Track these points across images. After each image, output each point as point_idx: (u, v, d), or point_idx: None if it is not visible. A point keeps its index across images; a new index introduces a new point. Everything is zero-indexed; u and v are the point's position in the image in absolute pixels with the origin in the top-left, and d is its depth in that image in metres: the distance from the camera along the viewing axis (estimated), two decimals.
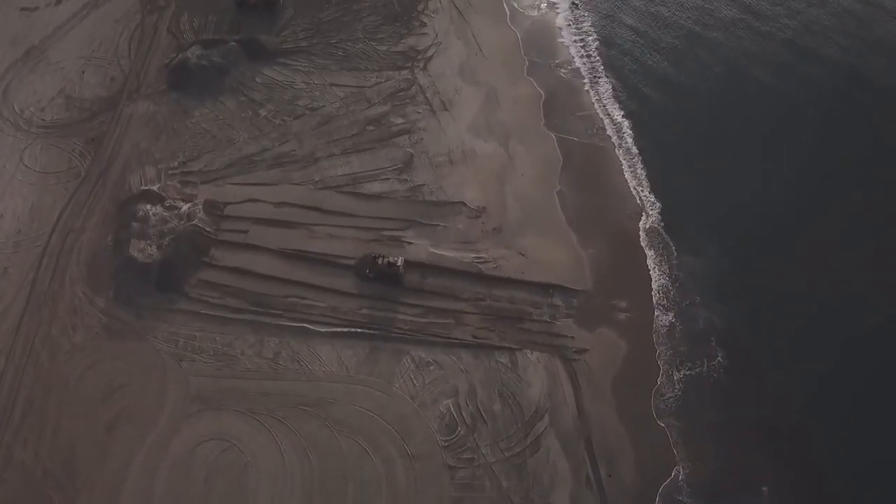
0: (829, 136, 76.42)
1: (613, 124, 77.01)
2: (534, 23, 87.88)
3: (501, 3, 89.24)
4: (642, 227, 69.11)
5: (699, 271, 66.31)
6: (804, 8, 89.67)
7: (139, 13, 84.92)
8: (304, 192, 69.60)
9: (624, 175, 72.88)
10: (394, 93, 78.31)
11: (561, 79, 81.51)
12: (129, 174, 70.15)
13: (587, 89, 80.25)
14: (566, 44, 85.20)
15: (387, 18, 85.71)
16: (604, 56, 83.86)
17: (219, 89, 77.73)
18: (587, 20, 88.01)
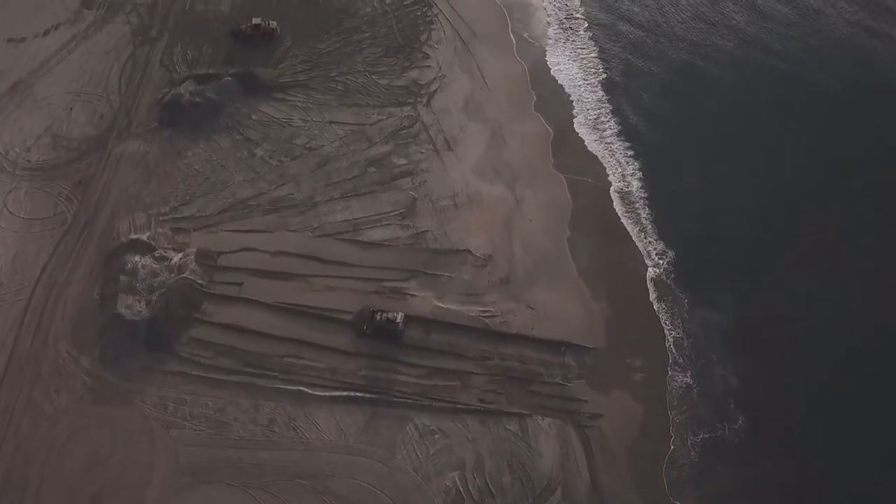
0: (845, 180, 73.21)
1: (624, 165, 73.64)
2: (541, 53, 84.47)
3: (507, 32, 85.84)
4: (655, 278, 65.96)
5: (714, 324, 63.25)
6: (818, 45, 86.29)
7: (130, 44, 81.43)
8: (302, 240, 66.21)
9: (635, 221, 69.67)
10: (396, 131, 74.91)
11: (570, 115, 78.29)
12: (117, 221, 66.69)
13: (597, 126, 76.84)
14: (575, 77, 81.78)
15: (388, 50, 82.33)
16: (612, 91, 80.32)
17: (213, 127, 74.31)
18: (595, 50, 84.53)
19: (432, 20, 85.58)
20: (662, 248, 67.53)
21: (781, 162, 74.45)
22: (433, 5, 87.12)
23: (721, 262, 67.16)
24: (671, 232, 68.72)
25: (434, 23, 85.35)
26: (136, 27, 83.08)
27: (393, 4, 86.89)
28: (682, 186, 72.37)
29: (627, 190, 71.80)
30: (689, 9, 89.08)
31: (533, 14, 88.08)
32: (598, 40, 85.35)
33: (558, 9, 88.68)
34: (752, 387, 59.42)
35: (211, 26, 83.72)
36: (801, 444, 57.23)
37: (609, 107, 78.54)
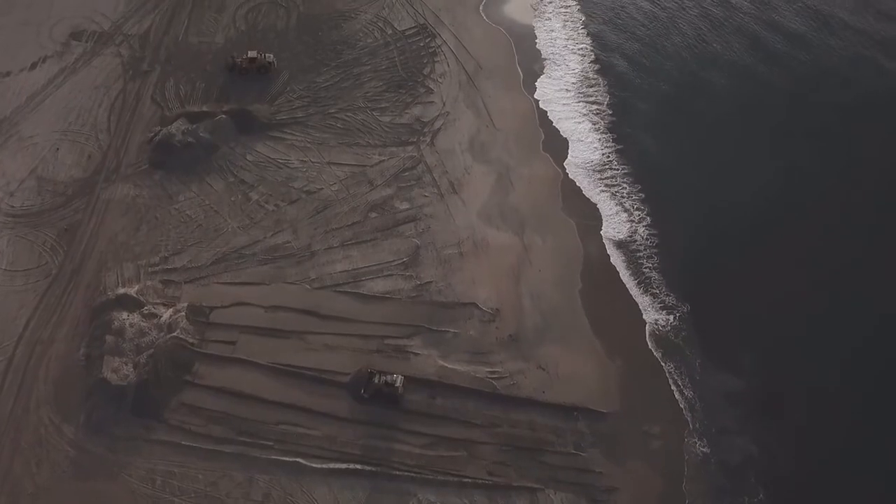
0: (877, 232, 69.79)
1: (631, 210, 70.19)
2: (550, 87, 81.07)
3: (514, 65, 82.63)
4: (667, 334, 62.24)
5: (732, 387, 59.46)
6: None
7: (121, 78, 78.09)
8: (299, 294, 62.75)
9: (644, 272, 66.13)
10: (398, 173, 71.53)
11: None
12: (105, 272, 63.20)
13: (608, 168, 73.41)
14: (584, 113, 78.36)
15: (390, 84, 78.96)
16: (621, 130, 76.80)
17: (206, 169, 70.94)
18: (604, 84, 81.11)
19: (436, 52, 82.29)
20: (674, 302, 63.89)
21: (803, 210, 70.87)
22: (436, 36, 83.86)
23: (737, 317, 63.57)
24: (683, 283, 65.00)
25: (437, 55, 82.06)
26: (127, 60, 79.82)
27: (394, 35, 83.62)
28: (693, 234, 68.63)
29: (635, 238, 68.24)
30: (706, 52, 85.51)
31: (542, 46, 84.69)
32: (608, 74, 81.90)
33: (568, 42, 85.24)
34: (772, 457, 55.89)
35: (205, 59, 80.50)
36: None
37: (617, 146, 75.00)
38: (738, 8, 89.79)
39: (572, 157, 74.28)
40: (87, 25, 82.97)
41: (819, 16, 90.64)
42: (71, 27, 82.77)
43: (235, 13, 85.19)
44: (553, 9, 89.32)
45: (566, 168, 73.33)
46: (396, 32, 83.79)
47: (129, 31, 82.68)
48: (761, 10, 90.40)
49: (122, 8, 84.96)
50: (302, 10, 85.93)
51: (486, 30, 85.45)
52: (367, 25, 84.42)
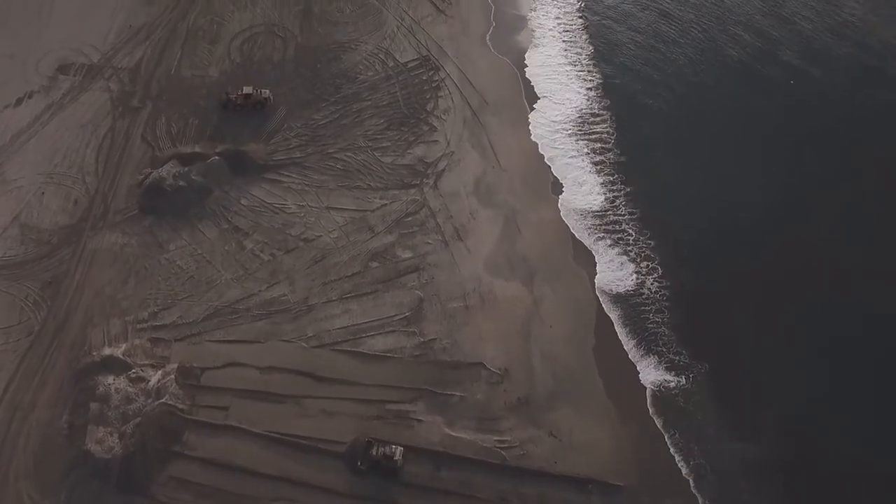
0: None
1: (651, 258, 66.49)
2: (558, 123, 77.51)
3: (521, 99, 78.91)
4: (679, 398, 58.53)
5: (751, 457, 55.71)
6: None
7: (110, 116, 74.62)
8: (296, 353, 59.25)
9: (666, 327, 62.37)
10: (400, 218, 68.00)
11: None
12: (90, 330, 59.80)
13: (619, 212, 69.73)
14: (592, 154, 74.61)
15: (391, 122, 75.40)
16: (631, 171, 72.63)
17: (198, 214, 67.47)
18: (610, 118, 77.02)
19: (439, 86, 78.72)
20: (688, 361, 60.19)
21: (817, 266, 66.34)
22: (440, 68, 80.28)
23: (752, 376, 59.84)
24: (698, 341, 61.29)
25: (441, 89, 78.49)
26: (117, 95, 76.36)
27: (396, 68, 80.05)
28: (707, 286, 64.65)
29: (657, 288, 64.65)
30: (714, 87, 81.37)
31: (550, 80, 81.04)
32: (614, 108, 77.89)
33: (577, 76, 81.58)
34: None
35: (198, 93, 77.01)
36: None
37: (621, 188, 71.07)
38: (744, 43, 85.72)
39: (567, 200, 70.50)
40: (76, 58, 79.52)
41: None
42: (58, 60, 79.33)
43: (230, 44, 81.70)
44: (561, 41, 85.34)
45: (562, 214, 69.60)
46: (398, 65, 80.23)
47: (120, 63, 79.22)
48: (765, 43, 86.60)
49: (113, 39, 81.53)
50: (300, 41, 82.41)
51: (491, 62, 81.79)
52: (368, 57, 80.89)
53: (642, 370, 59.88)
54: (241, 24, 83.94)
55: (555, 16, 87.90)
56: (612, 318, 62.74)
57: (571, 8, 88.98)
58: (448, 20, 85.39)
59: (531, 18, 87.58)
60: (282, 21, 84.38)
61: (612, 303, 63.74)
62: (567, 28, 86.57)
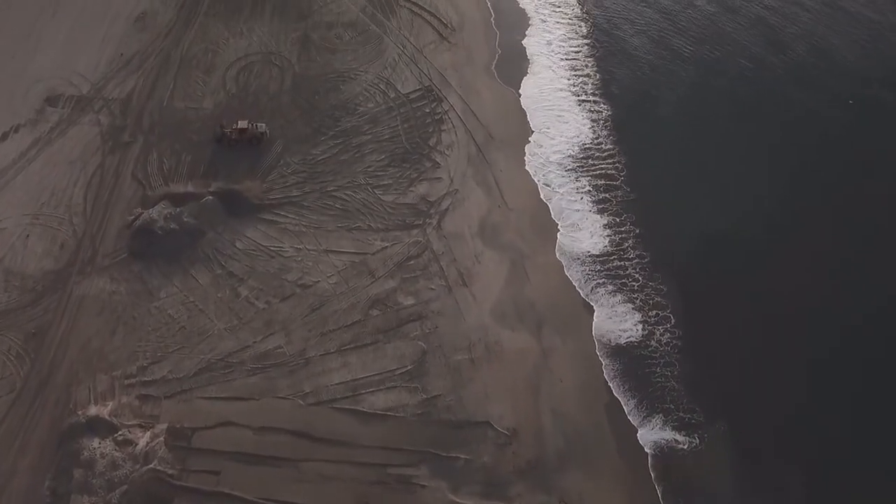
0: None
1: (662, 306, 63.23)
2: (560, 157, 74.41)
3: (529, 130, 75.83)
4: (696, 458, 55.48)
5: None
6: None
7: (99, 151, 71.56)
8: (292, 411, 56.12)
9: (676, 381, 59.16)
10: (402, 262, 64.92)
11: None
12: (75, 387, 56.65)
13: (626, 255, 66.51)
14: (597, 191, 71.47)
15: (393, 157, 72.34)
16: (643, 211, 69.45)
17: (190, 259, 64.39)
18: (619, 154, 73.75)
19: (442, 119, 75.68)
20: (704, 418, 57.01)
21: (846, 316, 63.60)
22: (443, 100, 77.26)
23: (780, 439, 56.78)
24: (713, 397, 58.10)
25: (444, 122, 75.45)
26: (107, 129, 73.33)
27: (398, 99, 77.02)
28: (724, 337, 61.59)
29: (652, 342, 61.25)
30: (734, 133, 77.86)
31: (556, 111, 77.98)
32: (623, 141, 74.82)
33: (584, 107, 78.50)
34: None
35: (191, 127, 73.97)
36: None
37: (636, 230, 68.05)
38: (751, 78, 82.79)
39: (565, 243, 67.26)
40: (65, 88, 76.55)
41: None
42: (47, 90, 76.37)
43: (225, 74, 78.67)
44: (568, 69, 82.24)
45: (558, 256, 66.38)
46: (400, 96, 77.21)
47: (110, 94, 76.22)
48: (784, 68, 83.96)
49: (103, 68, 78.53)
50: (297, 70, 79.39)
51: (496, 92, 78.80)
52: (368, 88, 77.85)
53: (645, 430, 56.61)
54: (236, 52, 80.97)
55: (560, 42, 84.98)
56: (611, 373, 59.34)
57: (577, 34, 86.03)
58: (451, 48, 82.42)
59: (536, 45, 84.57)
60: (279, 49, 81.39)
61: (613, 355, 60.36)
62: (574, 55, 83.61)
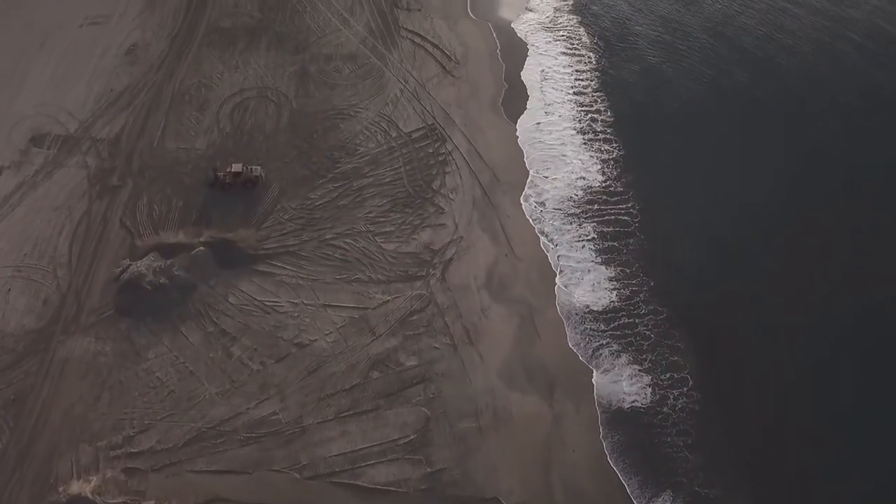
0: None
1: (679, 366, 59.64)
2: (564, 202, 70.90)
3: (528, 172, 72.39)
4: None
5: None
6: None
7: (86, 196, 68.07)
8: (287, 486, 52.58)
9: (700, 449, 55.63)
10: (405, 317, 61.45)
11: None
12: (57, 459, 53.04)
13: (642, 312, 63.00)
14: (606, 239, 68.01)
15: (395, 202, 68.88)
16: (655, 256, 66.14)
17: (181, 315, 60.88)
18: (631, 198, 70.23)
19: (446, 160, 72.24)
20: (723, 493, 53.51)
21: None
22: (447, 139, 73.84)
23: None
24: (735, 466, 54.64)
25: (448, 164, 72.01)
26: (94, 172, 69.88)
27: (399, 139, 73.59)
28: (746, 399, 57.85)
29: (662, 409, 57.72)
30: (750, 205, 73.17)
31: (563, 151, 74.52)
32: (635, 182, 71.37)
33: (595, 146, 75.01)
34: None
35: (183, 169, 70.55)
36: None
37: (651, 281, 64.50)
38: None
39: (564, 299, 63.60)
40: (51, 127, 73.12)
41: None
42: (32, 129, 72.92)
43: (219, 111, 75.23)
44: (577, 104, 78.77)
45: (559, 311, 62.70)
46: (402, 135, 73.78)
47: (98, 134, 72.79)
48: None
49: (91, 105, 75.11)
50: (295, 107, 75.97)
51: (502, 131, 75.44)
52: (369, 126, 74.42)
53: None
54: (231, 87, 77.55)
55: (568, 75, 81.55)
56: (615, 444, 55.53)
57: (587, 66, 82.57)
58: (455, 82, 79.02)
59: (542, 78, 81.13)
60: (275, 83, 77.97)
61: (618, 423, 56.54)
62: (582, 90, 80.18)
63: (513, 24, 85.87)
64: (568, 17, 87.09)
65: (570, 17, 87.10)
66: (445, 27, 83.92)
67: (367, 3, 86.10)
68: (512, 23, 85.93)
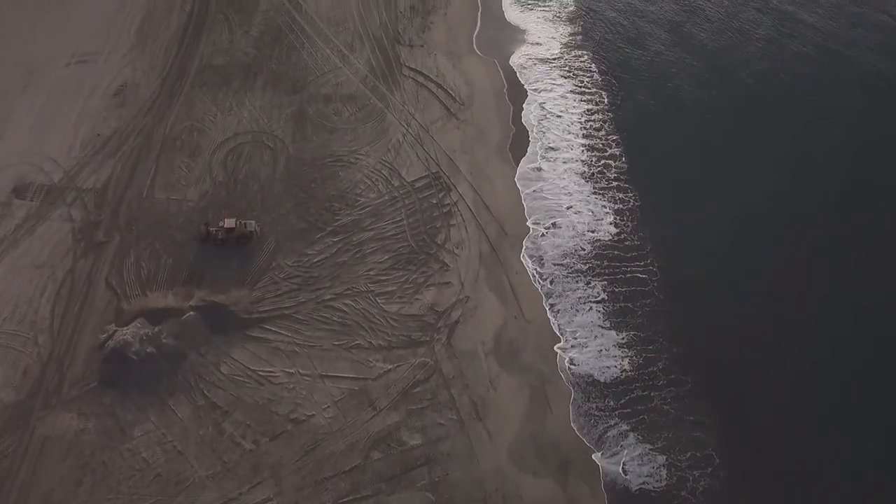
0: None
1: (702, 443, 55.75)
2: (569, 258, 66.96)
3: (532, 222, 68.56)
4: None
5: None
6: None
7: (70, 253, 64.19)
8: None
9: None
10: (407, 389, 57.67)
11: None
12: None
13: (660, 383, 59.09)
14: (618, 300, 64.15)
15: (398, 258, 65.07)
16: (675, 323, 62.14)
17: (169, 388, 57.07)
18: (650, 256, 66.09)
19: (451, 211, 68.41)
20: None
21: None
22: (452, 188, 70.02)
23: None
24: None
25: (453, 215, 68.17)
26: (79, 226, 66.03)
27: (402, 188, 69.74)
28: (780, 478, 54.31)
29: (685, 490, 53.73)
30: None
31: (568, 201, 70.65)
32: (657, 238, 67.39)
33: (609, 194, 71.01)
34: None
35: (173, 223, 66.68)
36: None
37: (674, 349, 60.59)
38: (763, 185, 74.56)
39: (567, 368, 59.78)
40: (34, 176, 69.25)
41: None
42: (14, 179, 69.01)
43: (212, 158, 71.33)
44: (588, 149, 74.72)
45: (565, 380, 58.82)
46: (404, 184, 69.92)
47: (84, 183, 68.89)
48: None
49: (78, 152, 71.21)
50: (291, 153, 72.08)
51: (510, 179, 71.48)
52: (370, 174, 70.56)
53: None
54: (224, 131, 73.64)
55: (578, 116, 77.37)
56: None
57: (598, 105, 78.52)
58: (460, 125, 75.11)
59: (551, 120, 77.16)
60: (271, 127, 74.07)
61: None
62: (594, 131, 76.16)
63: (521, 60, 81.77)
64: (578, 52, 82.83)
65: (579, 52, 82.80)
66: (450, 65, 79.94)
67: (368, 38, 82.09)
68: (520, 59, 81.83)
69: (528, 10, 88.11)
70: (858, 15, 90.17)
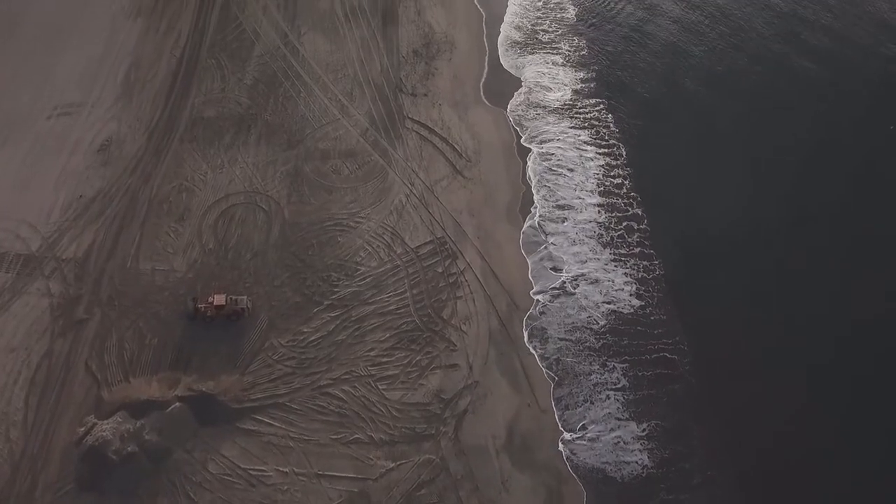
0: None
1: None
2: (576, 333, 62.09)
3: (536, 295, 63.77)
4: None
5: None
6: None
7: (47, 333, 59.47)
8: None
9: None
10: (411, 491, 52.84)
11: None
12: None
13: (694, 481, 54.24)
14: (643, 386, 59.25)
15: (400, 336, 60.24)
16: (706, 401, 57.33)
17: (151, 491, 52.33)
18: (678, 334, 61.10)
19: (458, 282, 63.52)
20: None
21: None
22: (458, 255, 65.12)
23: None
24: None
25: (460, 286, 63.28)
26: (58, 301, 61.35)
27: (405, 255, 64.89)
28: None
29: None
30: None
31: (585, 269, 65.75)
32: (687, 316, 62.30)
33: (626, 264, 65.99)
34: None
35: (159, 297, 61.90)
36: None
37: (711, 441, 55.59)
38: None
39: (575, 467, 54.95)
40: (11, 244, 64.59)
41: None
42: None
43: (202, 222, 66.52)
44: (607, 210, 69.65)
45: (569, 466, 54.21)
46: (408, 251, 65.04)
47: (64, 252, 64.15)
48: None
49: (57, 216, 66.49)
50: (287, 216, 67.18)
51: (520, 245, 66.69)
52: (371, 240, 65.68)
53: None
54: (215, 191, 68.83)
55: (596, 174, 72.09)
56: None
57: (617, 161, 73.21)
58: (467, 184, 70.17)
59: (563, 177, 72.08)
60: (265, 187, 69.23)
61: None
62: (614, 188, 70.98)
63: (531, 111, 76.61)
64: (593, 101, 77.66)
65: (595, 101, 77.61)
66: (455, 117, 74.99)
67: (368, 86, 77.17)
68: (531, 110, 76.68)
69: (537, 54, 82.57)
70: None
